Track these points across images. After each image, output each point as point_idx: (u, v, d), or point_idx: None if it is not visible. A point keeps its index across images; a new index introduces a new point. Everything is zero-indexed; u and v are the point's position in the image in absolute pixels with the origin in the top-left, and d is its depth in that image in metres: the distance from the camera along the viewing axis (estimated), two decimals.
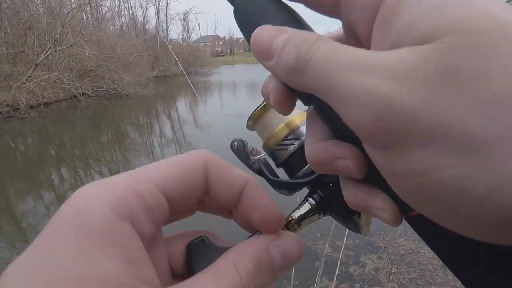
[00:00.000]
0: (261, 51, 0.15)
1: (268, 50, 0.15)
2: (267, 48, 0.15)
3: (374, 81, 0.11)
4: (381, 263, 2.59)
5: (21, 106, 9.75)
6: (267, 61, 0.15)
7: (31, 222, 3.59)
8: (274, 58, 0.15)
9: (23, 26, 12.45)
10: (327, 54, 0.13)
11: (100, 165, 5.73)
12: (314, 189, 0.27)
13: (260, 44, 0.15)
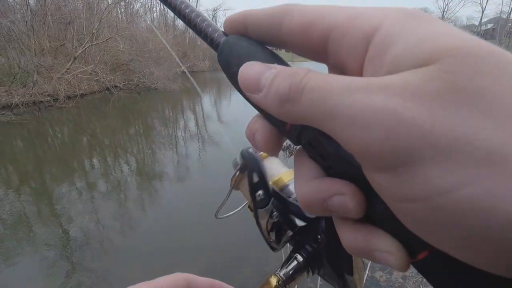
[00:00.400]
0: (249, 83, 0.15)
1: (257, 82, 0.15)
2: (255, 81, 0.15)
3: (380, 99, 0.11)
4: (409, 271, 2.54)
5: (60, 96, 10.47)
6: (256, 93, 0.15)
7: (65, 206, 3.88)
8: (264, 90, 0.14)
9: (64, 21, 13.28)
10: (323, 81, 0.13)
11: (127, 155, 6.05)
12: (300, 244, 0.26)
13: (248, 77, 0.15)
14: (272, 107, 0.14)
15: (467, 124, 0.10)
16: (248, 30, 0.17)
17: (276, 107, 0.14)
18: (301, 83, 0.13)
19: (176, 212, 3.75)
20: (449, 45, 0.11)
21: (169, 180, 4.69)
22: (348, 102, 0.11)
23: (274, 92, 0.14)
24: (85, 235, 3.23)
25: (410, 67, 0.11)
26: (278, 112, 0.14)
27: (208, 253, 2.91)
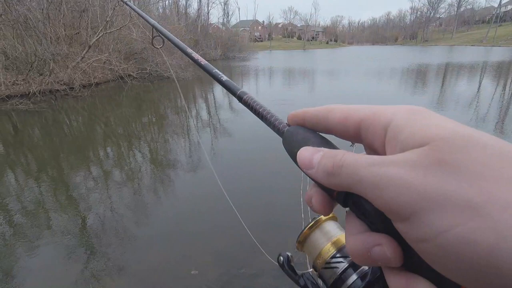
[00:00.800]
0: (305, 163, 0.21)
1: (310, 162, 0.21)
2: (309, 161, 0.21)
3: (392, 170, 0.16)
4: None
5: (75, 85, 10.59)
6: (310, 169, 0.21)
7: (81, 193, 3.94)
8: (315, 167, 0.20)
9: (79, 9, 13.30)
10: (354, 160, 0.18)
11: (140, 143, 6.07)
12: None
13: (304, 158, 0.21)
14: (322, 179, 0.20)
15: (450, 184, 0.14)
16: (305, 122, 0.24)
17: (324, 179, 0.20)
18: (340, 162, 0.19)
19: (190, 199, 3.74)
20: (436, 133, 0.16)
21: (183, 168, 4.67)
22: (371, 173, 0.17)
23: (322, 169, 0.20)
24: (102, 223, 3.27)
25: (412, 147, 0.16)
26: (326, 183, 0.20)
27: (223, 239, 2.90)
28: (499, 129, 6.18)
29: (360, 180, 0.17)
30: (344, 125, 0.21)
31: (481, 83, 12.78)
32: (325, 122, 0.22)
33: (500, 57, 26.63)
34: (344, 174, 0.18)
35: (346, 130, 0.21)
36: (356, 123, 0.20)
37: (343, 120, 0.21)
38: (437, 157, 0.15)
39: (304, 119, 0.24)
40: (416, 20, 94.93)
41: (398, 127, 0.18)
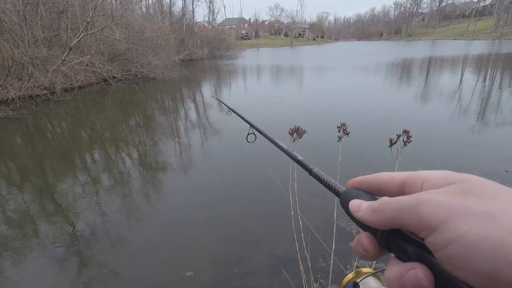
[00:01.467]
0: (355, 208, 0.27)
1: (359, 206, 0.26)
2: (359, 205, 0.27)
3: (425, 195, 0.22)
4: None
5: (57, 89, 10.24)
6: (359, 212, 0.26)
7: (69, 200, 3.80)
8: (362, 210, 0.26)
9: (57, 10, 12.85)
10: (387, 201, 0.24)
11: (129, 147, 5.92)
12: None
13: (355, 205, 0.27)
14: (368, 217, 0.25)
15: (470, 202, 0.20)
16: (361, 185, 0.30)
17: (370, 217, 0.25)
18: (384, 200, 0.24)
19: (182, 202, 3.66)
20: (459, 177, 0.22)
21: (173, 170, 4.58)
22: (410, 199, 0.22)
23: (369, 208, 0.25)
24: (92, 230, 3.17)
25: (444, 185, 0.22)
26: (372, 220, 0.25)
27: (216, 242, 2.87)
28: (480, 120, 6.32)
29: (402, 208, 0.22)
30: (391, 183, 0.27)
31: (463, 76, 13.08)
32: (376, 183, 0.28)
33: (480, 50, 27.38)
34: (389, 209, 0.23)
35: (392, 186, 0.27)
36: (401, 180, 0.26)
37: (390, 180, 0.27)
38: (461, 188, 0.21)
39: (361, 182, 0.30)
40: (400, 15, 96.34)
41: (433, 177, 0.24)
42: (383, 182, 0.28)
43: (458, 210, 0.20)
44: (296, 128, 1.67)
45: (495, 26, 56.15)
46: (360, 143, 4.82)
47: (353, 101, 9.11)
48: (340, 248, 2.51)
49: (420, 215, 0.21)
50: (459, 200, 0.20)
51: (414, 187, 0.25)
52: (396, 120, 6.67)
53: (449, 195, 0.21)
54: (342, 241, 2.61)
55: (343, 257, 2.50)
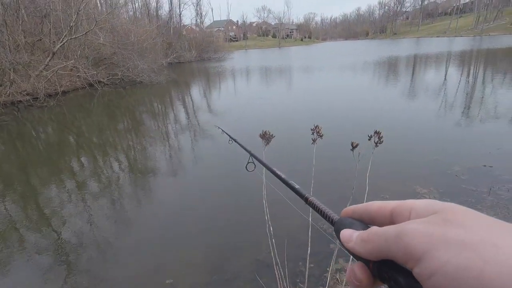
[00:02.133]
0: (346, 238, 0.28)
1: (350, 237, 0.28)
2: (349, 236, 0.28)
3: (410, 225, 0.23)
4: None
5: (40, 95, 9.99)
6: (349, 242, 0.27)
7: (54, 208, 3.70)
8: (353, 240, 0.27)
9: (39, 14, 12.56)
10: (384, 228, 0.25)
11: (117, 152, 5.81)
12: None
13: (345, 235, 0.28)
14: (359, 248, 0.26)
15: (451, 232, 0.20)
16: (354, 214, 0.31)
17: (361, 247, 0.26)
18: (373, 230, 0.26)
19: (170, 207, 3.60)
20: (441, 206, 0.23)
21: (162, 175, 4.51)
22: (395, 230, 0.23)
23: (359, 238, 0.26)
24: (79, 237, 3.09)
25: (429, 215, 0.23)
26: (362, 251, 0.26)
27: (202, 250, 2.82)
28: (464, 116, 6.46)
29: (388, 238, 0.23)
30: (381, 212, 0.28)
31: (447, 72, 13.39)
32: (367, 212, 0.30)
33: (462, 46, 28.13)
34: (377, 239, 0.24)
35: (383, 215, 0.28)
36: (390, 210, 0.27)
37: (380, 209, 0.28)
38: (443, 217, 0.22)
39: (353, 211, 0.31)
40: (384, 14, 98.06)
41: (418, 207, 0.25)
42: (373, 211, 0.29)
43: (438, 239, 0.20)
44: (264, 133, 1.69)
45: (475, 22, 57.81)
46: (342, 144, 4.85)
47: (340, 100, 9.21)
48: (319, 251, 2.51)
49: (405, 245, 0.22)
50: (439, 229, 0.21)
51: (403, 216, 0.26)
52: (382, 119, 6.76)
53: (431, 224, 0.22)
54: (320, 243, 2.60)
55: (324, 259, 2.50)
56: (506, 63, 15.24)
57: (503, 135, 5.05)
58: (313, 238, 1.87)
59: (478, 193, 3.25)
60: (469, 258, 0.19)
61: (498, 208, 2.97)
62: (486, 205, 3.05)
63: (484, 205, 3.04)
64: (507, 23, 48.87)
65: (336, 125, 6.21)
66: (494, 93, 8.23)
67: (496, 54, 19.51)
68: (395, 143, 4.89)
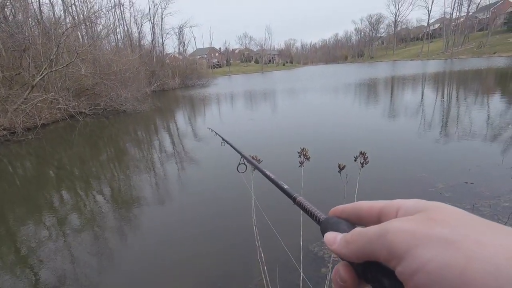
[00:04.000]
0: (330, 241, 0.28)
1: (334, 239, 0.27)
2: (333, 239, 0.27)
3: (393, 223, 0.22)
4: None
5: (18, 129, 9.67)
6: (333, 245, 0.27)
7: (32, 247, 3.47)
8: (337, 242, 0.27)
9: (18, 49, 12.46)
10: (367, 228, 0.25)
11: (100, 183, 5.60)
12: None
13: (329, 238, 0.28)
14: (342, 249, 0.26)
15: (435, 229, 0.20)
16: (342, 214, 0.31)
17: (344, 249, 0.25)
18: (356, 231, 0.25)
19: (156, 240, 3.44)
20: (427, 205, 0.23)
21: (147, 204, 4.36)
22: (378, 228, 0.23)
23: (343, 240, 0.26)
24: (59, 276, 2.91)
25: (415, 213, 0.23)
26: (347, 252, 0.25)
27: (191, 281, 2.71)
28: (444, 133, 6.70)
29: (371, 237, 0.23)
30: (369, 212, 0.28)
31: (423, 92, 14.06)
32: (356, 212, 0.29)
33: (435, 68, 29.88)
34: (360, 239, 0.24)
35: (371, 215, 0.28)
36: (378, 210, 0.27)
37: (368, 209, 0.28)
38: (427, 216, 0.22)
39: (341, 211, 0.31)
40: (361, 39, 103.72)
41: (406, 206, 0.25)
42: (362, 211, 0.28)
43: (421, 237, 0.20)
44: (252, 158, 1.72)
45: (445, 47, 62.00)
46: (326, 165, 4.90)
47: (324, 122, 9.41)
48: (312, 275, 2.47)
49: (388, 243, 0.21)
50: (423, 227, 0.21)
51: (390, 215, 0.26)
52: (366, 139, 6.92)
53: (415, 222, 0.21)
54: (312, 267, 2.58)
55: (317, 284, 2.44)
56: (476, 83, 16.23)
57: (481, 152, 5.24)
58: (305, 263, 1.81)
59: None
60: (451, 255, 0.18)
61: None
62: None
63: None
64: (474, 47, 52.62)
65: (322, 146, 6.30)
66: (469, 111, 8.65)
67: (466, 75, 20.79)
68: (379, 162, 4.98)
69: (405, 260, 0.20)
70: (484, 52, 46.47)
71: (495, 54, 42.81)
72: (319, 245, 2.89)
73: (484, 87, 13.76)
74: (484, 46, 49.58)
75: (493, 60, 32.81)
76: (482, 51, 47.76)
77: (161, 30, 44.27)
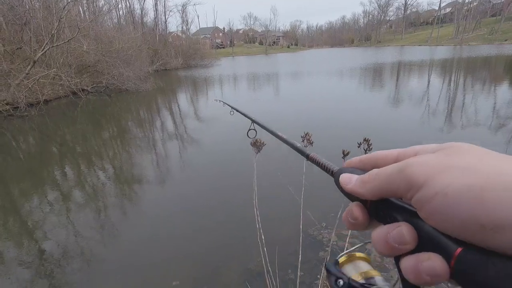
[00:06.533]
0: (345, 180, 0.28)
1: (350, 179, 0.27)
2: (349, 178, 0.28)
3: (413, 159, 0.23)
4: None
5: (20, 104, 9.66)
6: (348, 185, 0.27)
7: (37, 220, 3.57)
8: (353, 182, 0.27)
9: (19, 22, 12.22)
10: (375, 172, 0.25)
11: (102, 161, 5.66)
12: None
13: (345, 178, 0.28)
14: (358, 188, 0.26)
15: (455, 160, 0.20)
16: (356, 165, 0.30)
17: (360, 187, 0.26)
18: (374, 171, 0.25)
19: (158, 217, 3.52)
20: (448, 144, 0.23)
21: (149, 184, 4.42)
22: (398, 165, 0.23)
23: (359, 180, 0.26)
24: (62, 249, 2.99)
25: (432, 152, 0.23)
26: (362, 191, 0.26)
27: (192, 259, 2.77)
28: (448, 121, 6.64)
29: (391, 173, 0.23)
30: (386, 159, 0.28)
31: (430, 80, 13.82)
32: (372, 160, 0.29)
33: (443, 55, 29.15)
34: (378, 178, 0.24)
35: (387, 162, 0.27)
36: (395, 156, 0.27)
37: (385, 156, 0.28)
38: (450, 151, 0.22)
39: (358, 161, 0.30)
40: (369, 23, 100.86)
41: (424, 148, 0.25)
42: (378, 160, 0.28)
43: (441, 166, 0.20)
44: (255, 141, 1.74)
45: (455, 32, 60.13)
46: (330, 151, 4.89)
47: (328, 106, 9.32)
48: (310, 259, 2.51)
49: (408, 175, 0.21)
50: (446, 158, 0.21)
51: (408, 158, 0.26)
52: (370, 125, 6.88)
53: (434, 156, 0.22)
54: (311, 251, 2.61)
55: (315, 267, 2.49)
56: (484, 71, 15.89)
57: (485, 142, 5.19)
58: (304, 246, 1.85)
59: None
60: (470, 178, 0.19)
61: None
62: None
63: None
64: (486, 34, 51.02)
65: (325, 131, 6.28)
66: (475, 100, 8.52)
67: (475, 62, 20.31)
68: (383, 148, 4.96)
69: (424, 187, 0.20)
70: (495, 39, 45.19)
71: (506, 41, 41.64)
72: (318, 229, 2.94)
73: (492, 76, 13.49)
74: (496, 33, 48.13)
75: (503, 48, 31.97)
76: (493, 38, 46.41)
77: (164, 7, 43.19)
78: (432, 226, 0.20)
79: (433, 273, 0.20)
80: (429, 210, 0.20)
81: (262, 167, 1.27)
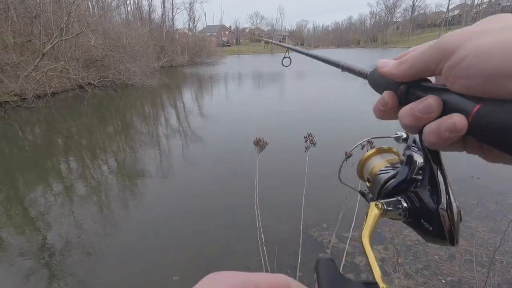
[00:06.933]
0: (383, 64, 0.28)
1: (387, 62, 0.28)
2: (387, 62, 0.28)
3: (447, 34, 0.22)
4: (387, 254, 2.56)
5: (28, 96, 9.81)
6: (387, 67, 0.28)
7: (40, 211, 3.63)
8: (390, 65, 0.27)
9: (30, 15, 12.39)
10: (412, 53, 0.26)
11: (106, 154, 5.75)
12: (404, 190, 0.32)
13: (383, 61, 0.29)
14: (394, 69, 0.27)
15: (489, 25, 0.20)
16: None
17: (396, 69, 0.26)
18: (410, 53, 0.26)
19: (158, 214, 3.55)
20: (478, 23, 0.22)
21: (152, 178, 4.48)
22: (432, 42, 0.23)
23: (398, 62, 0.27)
24: (64, 240, 3.03)
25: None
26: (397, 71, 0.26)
27: (192, 255, 2.78)
28: None
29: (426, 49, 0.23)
30: None
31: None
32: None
33: None
34: (412, 57, 0.25)
35: None
36: None
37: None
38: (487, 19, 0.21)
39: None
40: (375, 24, 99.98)
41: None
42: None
43: (481, 30, 0.20)
44: (258, 140, 1.76)
45: None
46: (335, 150, 4.92)
47: (331, 108, 9.33)
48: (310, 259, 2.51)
49: (441, 44, 0.22)
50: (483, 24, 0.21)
51: None
52: (371, 129, 6.89)
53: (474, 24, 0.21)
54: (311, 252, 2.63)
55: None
56: None
57: None
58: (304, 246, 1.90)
59: (467, 204, 3.26)
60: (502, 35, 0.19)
61: (486, 220, 2.99)
62: (475, 216, 3.07)
63: (473, 216, 3.06)
64: None
65: (328, 133, 6.30)
66: None
67: None
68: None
69: (456, 52, 0.20)
70: None
71: None
72: (319, 230, 2.94)
73: None
74: None
75: None
76: None
77: (171, 4, 43.29)
78: (457, 91, 0.21)
79: (453, 128, 0.21)
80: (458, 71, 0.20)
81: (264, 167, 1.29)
